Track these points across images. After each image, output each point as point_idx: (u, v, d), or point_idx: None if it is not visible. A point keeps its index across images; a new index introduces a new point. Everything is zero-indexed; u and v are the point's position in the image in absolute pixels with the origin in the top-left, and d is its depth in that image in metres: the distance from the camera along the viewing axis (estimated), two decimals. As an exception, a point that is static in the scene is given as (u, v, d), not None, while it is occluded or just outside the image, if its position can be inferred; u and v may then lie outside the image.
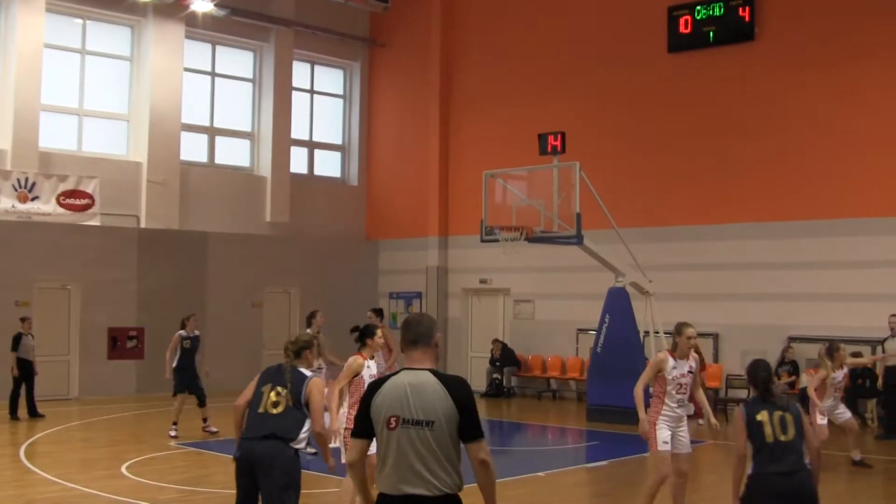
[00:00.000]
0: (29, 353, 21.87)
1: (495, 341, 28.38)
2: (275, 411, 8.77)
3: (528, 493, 14.14)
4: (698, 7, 25.51)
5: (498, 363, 27.98)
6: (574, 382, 27.17)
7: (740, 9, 24.85)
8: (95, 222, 26.26)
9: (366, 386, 9.79)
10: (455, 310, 30.58)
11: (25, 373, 21.72)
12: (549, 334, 27.62)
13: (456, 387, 6.07)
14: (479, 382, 27.62)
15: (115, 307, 26.20)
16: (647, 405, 11.31)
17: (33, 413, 21.65)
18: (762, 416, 8.37)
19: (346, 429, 11.00)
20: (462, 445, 6.06)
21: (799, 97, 23.98)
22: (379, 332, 11.73)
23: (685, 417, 11.33)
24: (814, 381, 15.69)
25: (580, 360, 26.86)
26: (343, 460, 10.15)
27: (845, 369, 16.13)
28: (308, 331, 17.88)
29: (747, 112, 24.72)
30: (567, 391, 27.29)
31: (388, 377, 6.23)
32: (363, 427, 6.18)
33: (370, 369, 11.41)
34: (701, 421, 19.69)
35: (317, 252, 30.90)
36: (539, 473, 15.64)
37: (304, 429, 8.87)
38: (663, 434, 11.11)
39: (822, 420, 15.79)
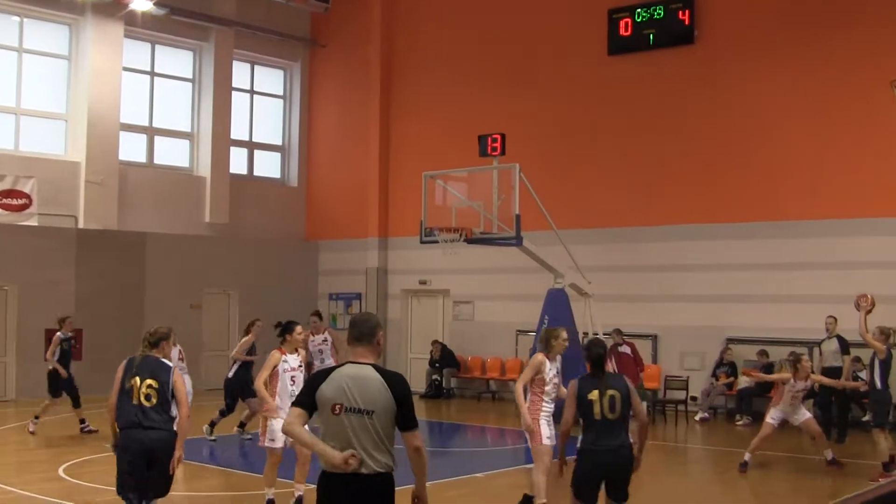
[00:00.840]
0: None
1: (435, 342, 28.47)
2: (149, 404, 9.79)
3: (467, 494, 14.22)
4: (638, 10, 25.75)
5: (437, 364, 28.07)
6: (513, 384, 27.19)
7: (680, 12, 25.13)
8: (33, 222, 26.05)
9: (281, 378, 12.35)
10: (395, 311, 30.61)
11: None
12: (489, 335, 27.72)
13: (395, 381, 6.81)
14: (418, 383, 27.67)
15: (52, 308, 25.88)
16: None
17: None
18: (593, 395, 9.15)
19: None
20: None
21: (737, 100, 24.30)
22: (298, 328, 12.94)
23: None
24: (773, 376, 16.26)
25: (520, 362, 26.95)
26: (277, 445, 12.38)
27: (809, 382, 16.37)
28: (246, 338, 18.36)
29: (686, 115, 25.00)
30: (506, 392, 27.37)
31: (333, 368, 6.94)
32: (305, 401, 6.88)
33: (287, 363, 12.66)
34: None
35: (256, 253, 30.84)
36: (478, 475, 15.71)
37: (174, 414, 9.98)
38: (546, 430, 11.97)
39: (771, 420, 16.07)
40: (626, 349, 22.39)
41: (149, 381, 9.78)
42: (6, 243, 25.41)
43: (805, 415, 16.53)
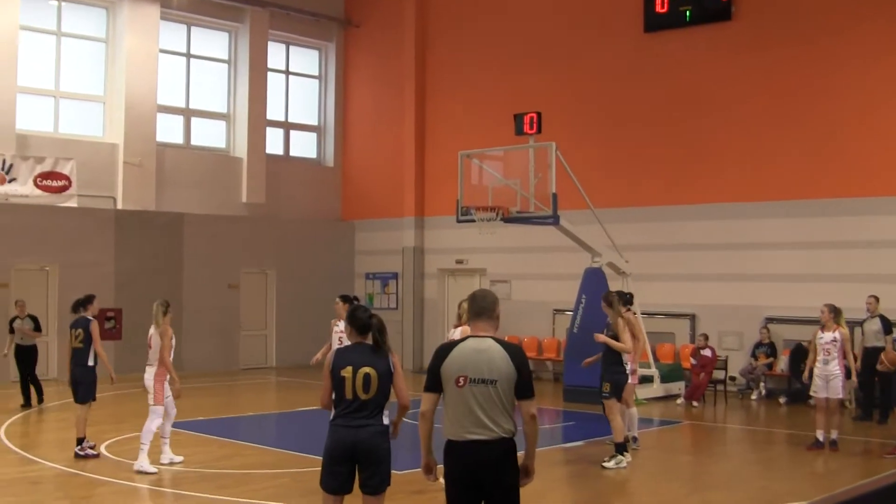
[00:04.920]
0: (25, 338, 21.32)
1: (471, 322, 28.41)
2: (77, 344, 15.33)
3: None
4: (675, -13, 25.58)
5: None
6: (550, 363, 27.29)
7: (716, -12, 24.94)
8: (72, 204, 26.25)
9: (332, 339, 14.43)
10: (431, 290, 30.67)
11: (18, 358, 21.28)
12: (526, 315, 27.67)
13: (515, 352, 7.23)
14: (455, 362, 27.60)
15: (92, 288, 26.00)
16: None
17: (27, 401, 20.96)
18: (347, 371, 8.31)
19: None
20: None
21: (776, 76, 24.09)
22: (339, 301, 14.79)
23: None
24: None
25: (556, 341, 26.98)
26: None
27: (835, 334, 16.11)
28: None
29: (724, 92, 24.82)
30: (543, 372, 27.40)
31: (454, 344, 7.35)
32: (434, 383, 7.31)
33: (339, 327, 14.42)
34: None
35: (293, 233, 30.97)
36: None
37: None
38: None
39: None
40: (707, 352, 22.39)
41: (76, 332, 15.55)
42: (46, 224, 25.62)
43: (836, 387, 16.27)
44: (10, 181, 25.30)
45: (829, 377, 16.06)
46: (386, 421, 8.46)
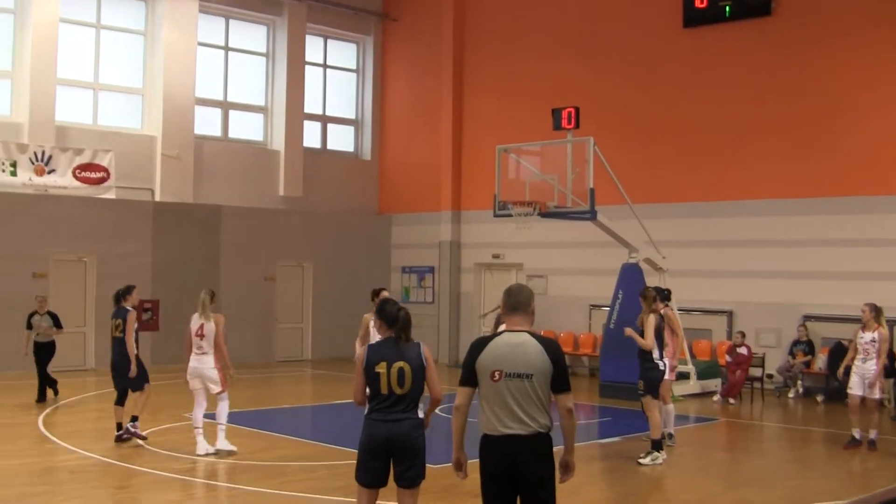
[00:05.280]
0: (42, 335, 20.52)
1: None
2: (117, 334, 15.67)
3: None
4: (714, -18, 25.41)
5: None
6: (587, 358, 27.21)
7: (756, -17, 24.75)
8: (111, 195, 26.40)
9: (373, 336, 13.02)
10: (467, 284, 30.65)
11: (36, 354, 20.47)
12: (562, 310, 27.59)
13: (550, 346, 7.26)
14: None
15: (130, 280, 25.97)
16: None
17: (40, 397, 20.23)
18: (381, 367, 8.33)
19: None
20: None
21: (816, 72, 23.88)
22: (384, 292, 14.49)
23: None
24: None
25: (593, 336, 26.91)
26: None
27: (874, 334, 15.98)
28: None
29: (763, 88, 24.64)
30: (580, 367, 27.33)
31: (489, 338, 7.37)
32: (469, 378, 7.33)
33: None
34: None
35: (329, 226, 31.00)
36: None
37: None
38: None
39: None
40: (743, 350, 22.28)
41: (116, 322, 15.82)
42: (85, 216, 25.76)
43: (873, 389, 16.16)
44: (49, 172, 25.46)
45: (866, 376, 15.94)
46: (421, 414, 8.49)
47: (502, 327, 7.56)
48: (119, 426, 15.50)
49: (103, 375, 24.03)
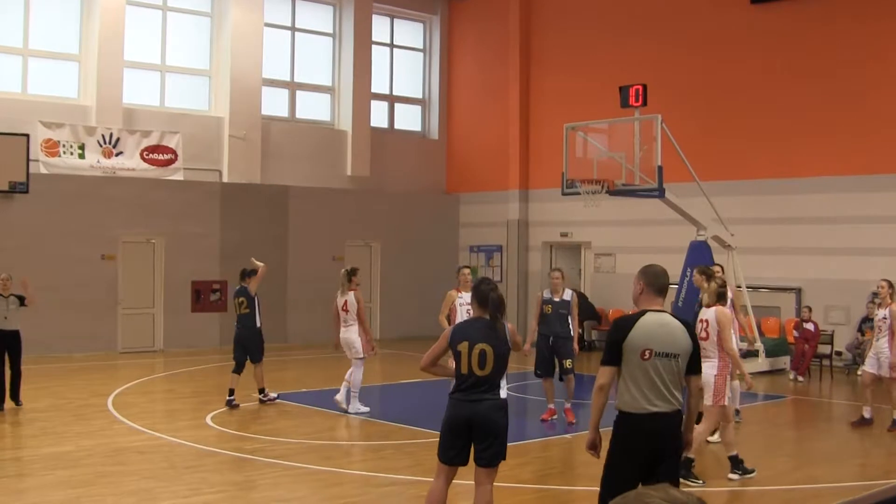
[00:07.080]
0: (9, 320, 16.68)
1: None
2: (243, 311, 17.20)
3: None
4: (783, -44, 25.06)
5: (578, 317, 27.82)
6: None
7: (826, -42, 24.37)
8: (179, 177, 26.57)
9: (459, 311, 14.99)
10: (535, 263, 30.55)
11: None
12: (630, 288, 27.17)
13: (690, 328, 7.61)
14: (559, 336, 27.50)
15: (198, 261, 26.50)
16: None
17: (13, 395, 16.80)
18: (462, 346, 8.47)
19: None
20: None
21: (887, 49, 23.50)
22: (465, 270, 15.96)
23: None
24: None
25: (660, 314, 26.65)
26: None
27: (886, 311, 15.66)
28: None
29: (833, 64, 24.26)
30: (648, 345, 27.08)
31: (634, 318, 7.53)
32: (615, 356, 7.45)
33: (462, 298, 14.93)
34: None
35: (397, 205, 31.00)
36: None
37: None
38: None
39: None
40: (810, 325, 22.06)
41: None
42: (153, 197, 25.96)
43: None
44: (117, 155, 25.68)
45: (880, 355, 15.67)
46: (503, 394, 8.61)
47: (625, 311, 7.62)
48: (231, 391, 16.93)
49: (171, 357, 24.38)
